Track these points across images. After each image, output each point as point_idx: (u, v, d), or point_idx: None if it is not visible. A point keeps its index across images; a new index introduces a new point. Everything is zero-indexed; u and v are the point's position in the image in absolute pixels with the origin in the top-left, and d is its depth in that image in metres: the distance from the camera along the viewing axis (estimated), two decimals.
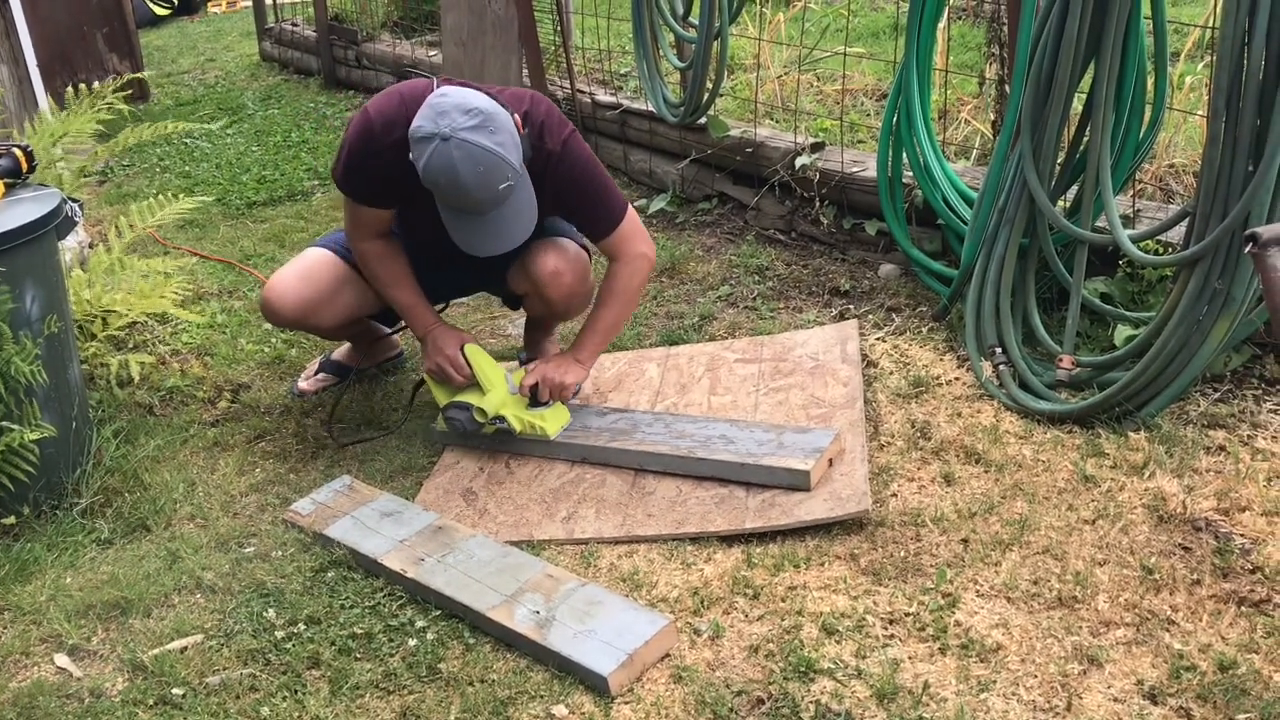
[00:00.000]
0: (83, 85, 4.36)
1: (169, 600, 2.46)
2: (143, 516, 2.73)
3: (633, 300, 2.88)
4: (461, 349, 2.84)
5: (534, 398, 2.83)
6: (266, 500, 2.80)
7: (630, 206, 2.83)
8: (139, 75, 6.57)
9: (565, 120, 2.72)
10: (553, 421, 2.82)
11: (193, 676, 2.21)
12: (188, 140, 6.24)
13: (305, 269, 2.98)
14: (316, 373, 3.32)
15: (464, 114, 2.45)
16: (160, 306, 3.42)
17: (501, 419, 2.79)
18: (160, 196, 3.78)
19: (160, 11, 10.52)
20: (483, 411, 2.79)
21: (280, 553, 2.58)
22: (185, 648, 2.29)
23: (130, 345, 3.62)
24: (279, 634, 2.30)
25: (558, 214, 2.83)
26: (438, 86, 2.63)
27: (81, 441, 2.86)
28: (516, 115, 2.59)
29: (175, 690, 2.17)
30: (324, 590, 2.43)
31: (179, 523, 2.73)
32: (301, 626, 2.32)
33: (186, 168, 5.80)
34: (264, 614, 2.37)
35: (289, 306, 2.94)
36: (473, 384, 2.84)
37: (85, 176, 4.36)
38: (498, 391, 2.82)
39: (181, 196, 3.85)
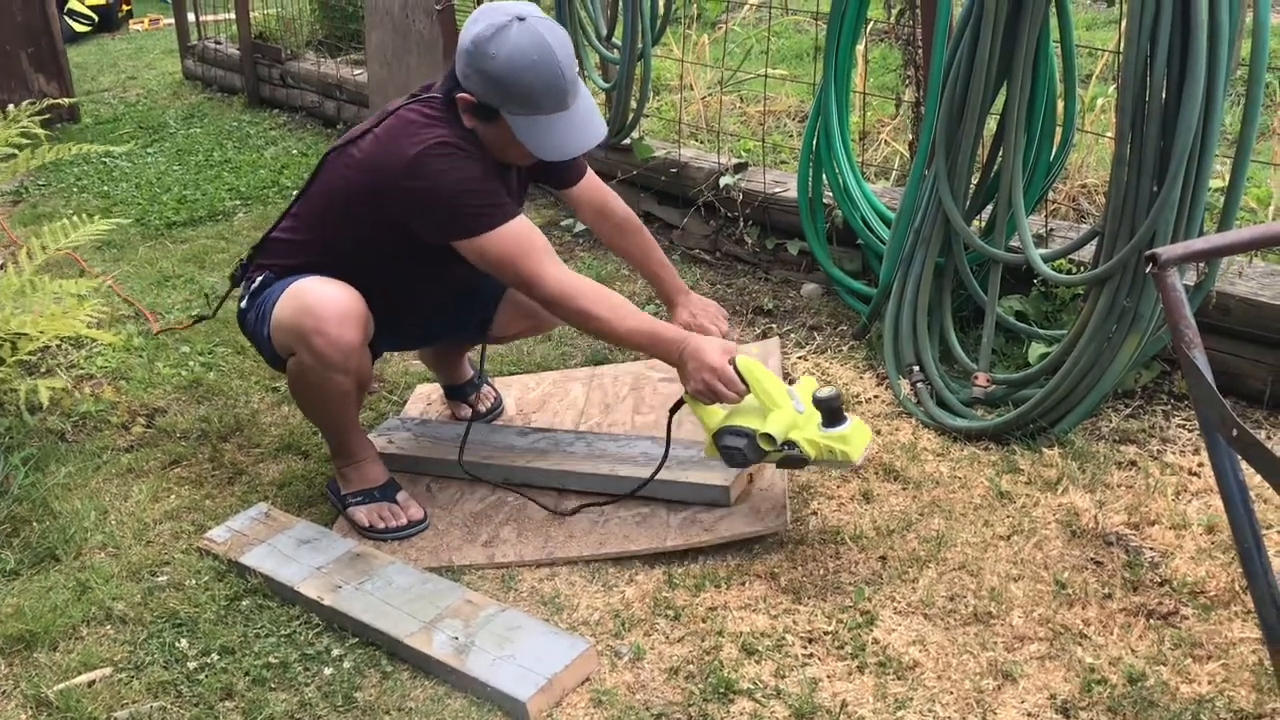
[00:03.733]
0: (9, 108, 4.23)
1: (77, 632, 2.39)
2: (51, 546, 2.66)
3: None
4: (732, 362, 2.35)
5: (829, 415, 2.29)
6: (181, 528, 2.74)
7: None
8: (69, 100, 6.38)
9: None
10: (856, 443, 2.29)
11: (100, 711, 2.14)
12: (106, 159, 6.11)
13: (329, 285, 2.47)
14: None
15: (522, 3, 2.36)
16: (73, 329, 3.33)
17: (793, 445, 2.30)
18: (76, 217, 3.69)
19: (79, 29, 10.32)
20: (769, 438, 2.28)
21: (194, 581, 2.52)
22: (93, 681, 2.23)
23: (42, 370, 3.53)
24: (191, 665, 2.25)
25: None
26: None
27: None
28: None
29: None
30: (238, 619, 2.38)
31: (89, 552, 2.66)
32: (215, 657, 2.27)
33: (105, 187, 5.68)
34: (176, 644, 2.31)
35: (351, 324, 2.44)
36: (746, 403, 2.37)
37: None
38: (784, 411, 2.31)
39: (98, 218, 3.76)
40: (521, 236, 2.38)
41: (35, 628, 2.37)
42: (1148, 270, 1.83)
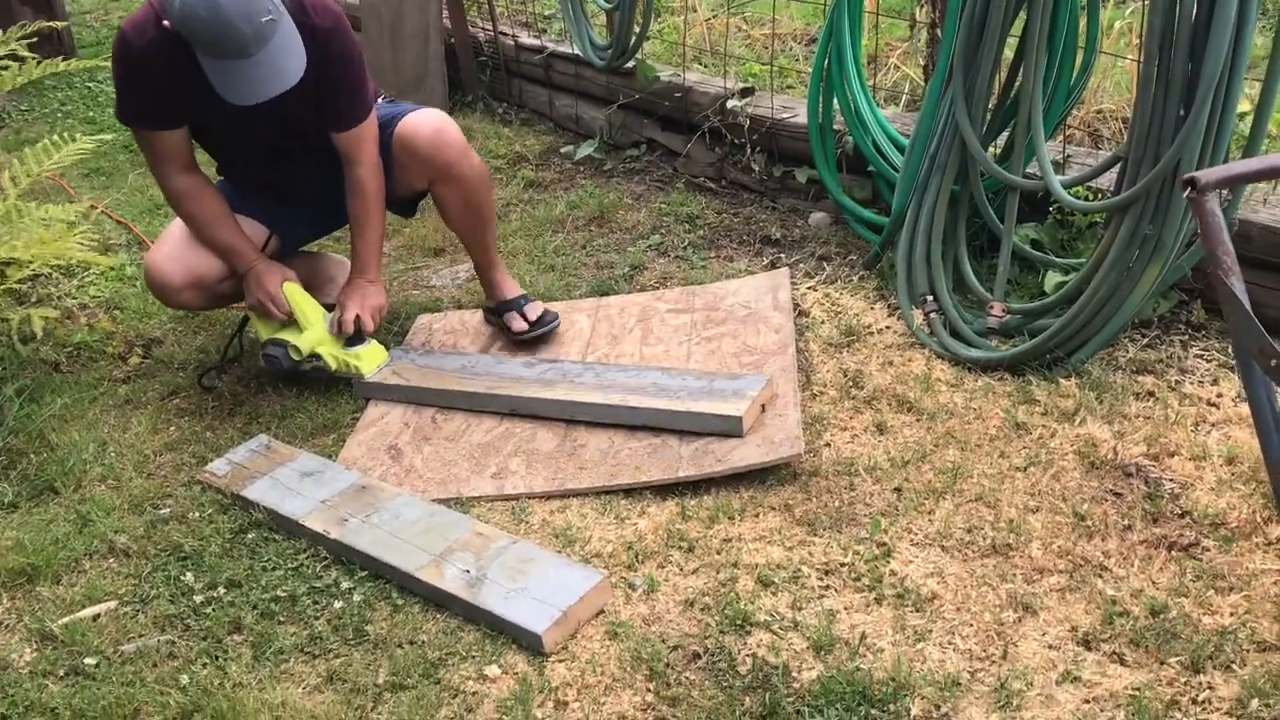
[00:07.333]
0: None
1: (80, 566, 2.35)
2: (50, 478, 2.61)
3: (384, 203, 2.92)
4: (282, 286, 2.86)
5: (349, 338, 2.88)
6: (182, 460, 2.70)
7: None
8: (55, 25, 6.10)
9: (337, 8, 2.72)
10: (368, 360, 2.89)
11: (106, 645, 2.12)
12: (91, 85, 5.97)
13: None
14: None
15: None
16: (67, 254, 3.24)
17: (317, 357, 2.86)
18: (58, 137, 3.57)
19: None
20: (298, 350, 2.84)
21: (198, 514, 2.48)
22: (98, 615, 2.20)
23: (34, 299, 3.46)
24: (198, 598, 2.22)
25: (315, 92, 2.71)
26: None
27: None
28: None
29: (88, 660, 2.08)
30: (244, 552, 2.34)
31: (89, 484, 2.61)
32: (221, 590, 2.23)
33: (91, 113, 5.55)
34: (181, 578, 2.28)
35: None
36: (293, 322, 2.89)
37: None
38: (315, 330, 2.87)
39: (80, 136, 3.65)
40: (151, 148, 2.76)
41: (36, 561, 2.33)
42: (1185, 195, 1.78)
